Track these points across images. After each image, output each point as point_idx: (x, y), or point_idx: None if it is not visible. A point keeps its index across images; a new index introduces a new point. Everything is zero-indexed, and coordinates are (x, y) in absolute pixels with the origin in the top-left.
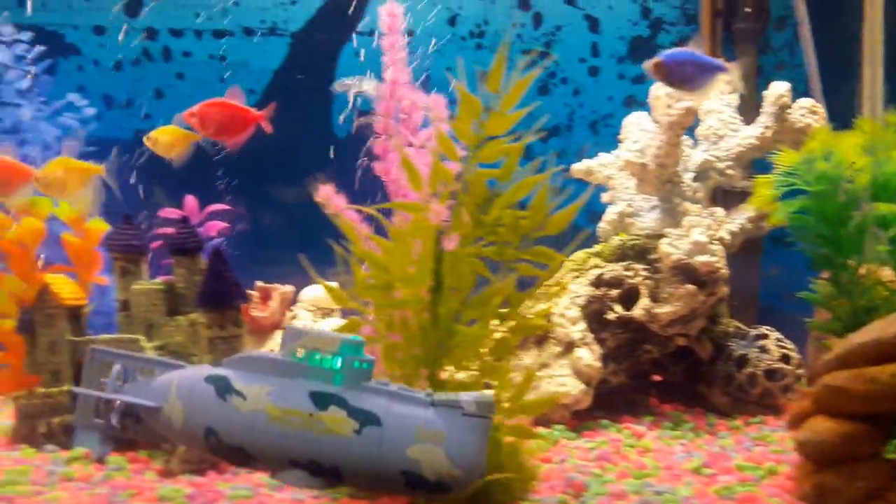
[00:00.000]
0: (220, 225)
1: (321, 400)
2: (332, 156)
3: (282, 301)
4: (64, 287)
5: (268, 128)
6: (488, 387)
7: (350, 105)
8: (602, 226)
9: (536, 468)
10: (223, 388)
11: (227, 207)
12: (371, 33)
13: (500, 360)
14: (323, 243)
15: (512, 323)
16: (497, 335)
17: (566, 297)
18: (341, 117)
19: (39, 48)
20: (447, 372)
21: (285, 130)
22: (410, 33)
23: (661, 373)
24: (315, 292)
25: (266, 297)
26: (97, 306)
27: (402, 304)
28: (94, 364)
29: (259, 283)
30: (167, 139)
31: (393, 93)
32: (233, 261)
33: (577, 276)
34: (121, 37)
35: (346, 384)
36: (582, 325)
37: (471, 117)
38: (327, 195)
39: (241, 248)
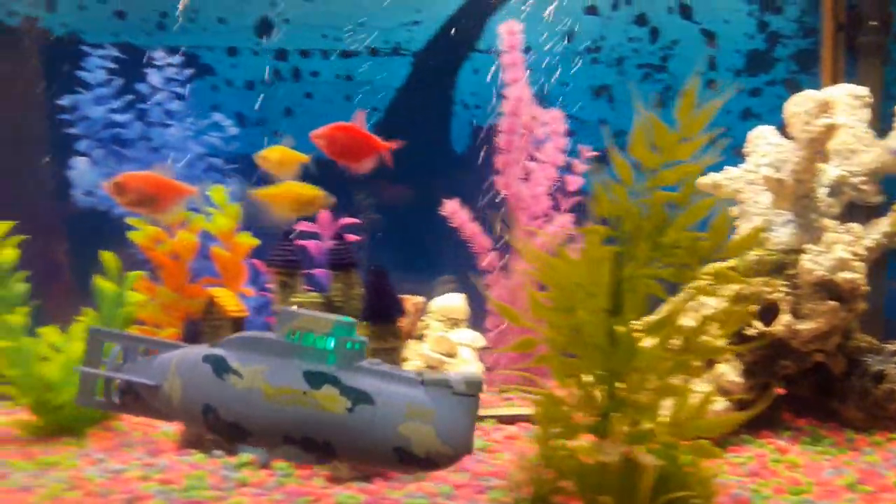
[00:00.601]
0: (353, 238)
1: (315, 379)
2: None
3: (415, 311)
4: (228, 300)
5: (389, 160)
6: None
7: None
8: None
9: (715, 487)
10: (220, 367)
11: (357, 221)
12: (489, 50)
13: (678, 380)
14: (443, 255)
15: (690, 344)
16: (675, 356)
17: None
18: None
19: (188, 71)
20: (626, 392)
21: (407, 145)
22: (528, 49)
23: (788, 387)
24: (444, 303)
25: None
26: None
27: (580, 324)
28: (95, 345)
29: None
30: (276, 158)
31: (517, 110)
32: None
33: (715, 292)
34: (267, 75)
35: (339, 364)
36: (723, 342)
37: (652, 141)
38: (453, 209)
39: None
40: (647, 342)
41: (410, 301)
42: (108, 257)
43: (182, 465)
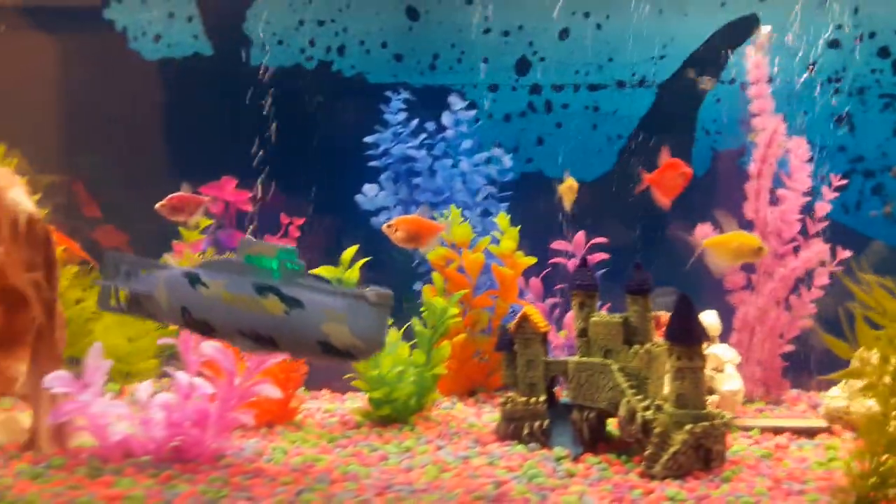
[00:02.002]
0: (603, 256)
1: (261, 289)
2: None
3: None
4: (538, 317)
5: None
6: None
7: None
8: None
9: None
10: (194, 280)
11: (605, 240)
12: (732, 81)
13: None
14: (690, 273)
15: None
16: None
17: None
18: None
19: (473, 112)
20: None
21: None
22: (770, 80)
23: None
24: (702, 320)
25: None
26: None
27: None
28: (110, 264)
29: None
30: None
31: (770, 140)
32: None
33: None
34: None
35: (282, 279)
36: None
37: None
38: (706, 234)
39: (617, 279)
40: None
41: (661, 317)
42: (437, 278)
43: (512, 455)
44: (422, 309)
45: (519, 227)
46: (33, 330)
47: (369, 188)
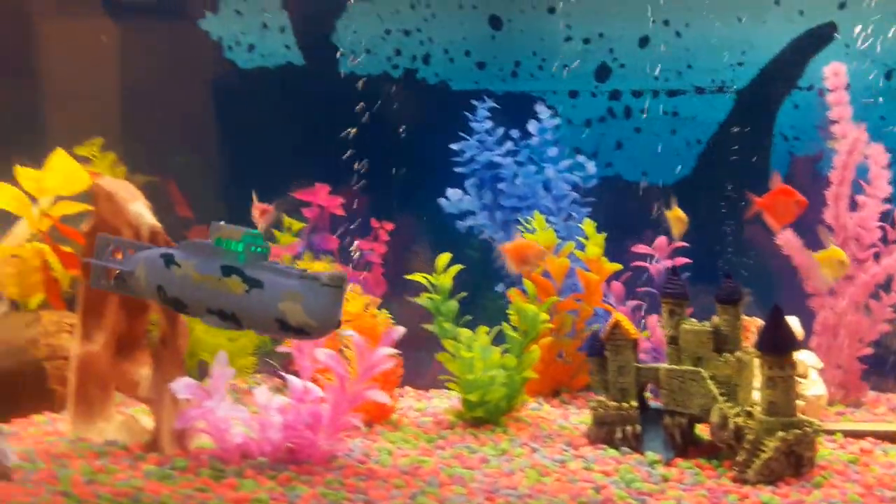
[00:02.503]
0: (683, 260)
1: (227, 270)
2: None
3: (756, 332)
4: (629, 324)
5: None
6: None
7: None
8: None
9: None
10: (168, 260)
11: (686, 245)
12: (809, 88)
13: None
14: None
15: None
16: None
17: None
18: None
19: (557, 120)
20: None
21: (727, 175)
22: (848, 87)
23: None
24: None
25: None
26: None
27: None
28: (101, 246)
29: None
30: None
31: (854, 148)
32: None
33: None
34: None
35: (247, 262)
36: None
37: None
38: (789, 240)
39: (697, 283)
40: None
41: (753, 322)
42: (528, 284)
43: (606, 459)
44: (508, 311)
45: (605, 234)
46: (149, 337)
47: (453, 193)
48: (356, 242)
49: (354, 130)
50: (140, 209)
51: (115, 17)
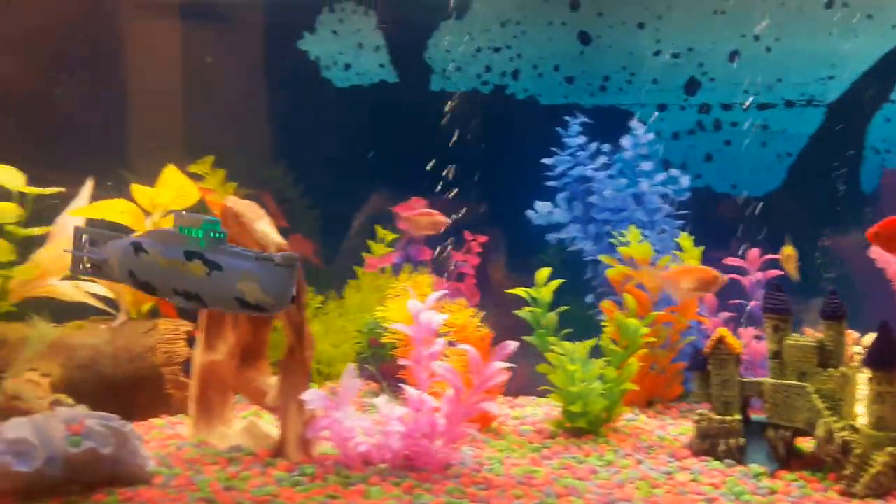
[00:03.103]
0: (777, 273)
1: (189, 255)
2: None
3: (851, 344)
4: (732, 339)
5: None
6: None
7: None
8: None
9: None
10: (137, 248)
11: (778, 257)
12: None
13: None
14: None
15: None
16: None
17: None
18: None
19: (651, 135)
20: None
21: (817, 188)
22: None
23: None
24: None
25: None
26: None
27: None
28: (78, 236)
29: None
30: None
31: None
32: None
33: None
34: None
35: (206, 246)
36: None
37: None
38: (882, 252)
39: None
40: None
41: (850, 336)
42: (629, 298)
43: (712, 471)
44: (603, 323)
45: (702, 248)
46: (282, 348)
47: (541, 205)
48: (451, 253)
49: (451, 141)
50: (266, 228)
51: (220, 38)
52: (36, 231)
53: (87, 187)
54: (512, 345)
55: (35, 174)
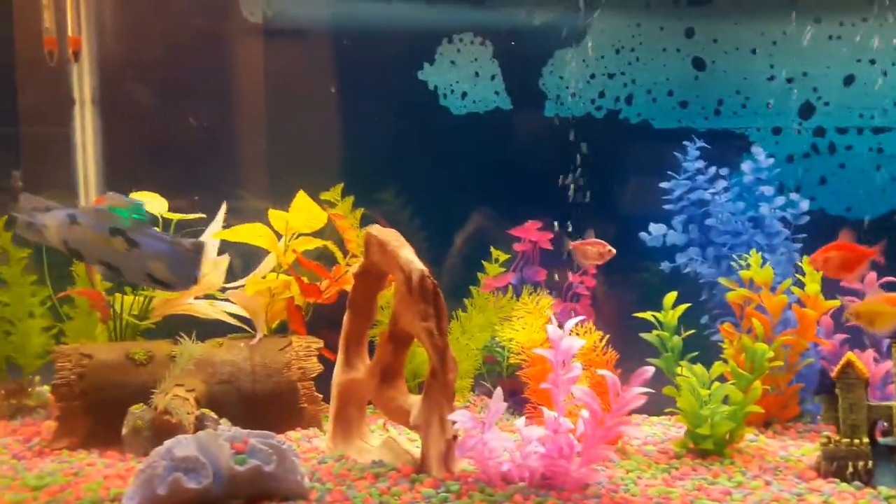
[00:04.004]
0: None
1: (114, 231)
2: None
3: None
4: (860, 364)
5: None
6: None
7: None
8: None
9: None
10: (73, 219)
11: (894, 280)
12: None
13: None
14: None
15: None
16: None
17: None
18: None
19: (771, 160)
20: None
21: None
22: None
23: None
24: None
25: None
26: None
27: None
28: (22, 204)
29: None
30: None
31: None
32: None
33: None
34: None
35: (129, 225)
36: None
37: None
38: None
39: None
40: None
41: None
42: (757, 324)
43: (842, 493)
44: (722, 344)
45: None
46: (426, 371)
47: (655, 228)
48: (568, 275)
49: (579, 166)
50: (409, 255)
51: (346, 69)
52: None
53: (222, 212)
54: (649, 370)
55: (176, 201)
